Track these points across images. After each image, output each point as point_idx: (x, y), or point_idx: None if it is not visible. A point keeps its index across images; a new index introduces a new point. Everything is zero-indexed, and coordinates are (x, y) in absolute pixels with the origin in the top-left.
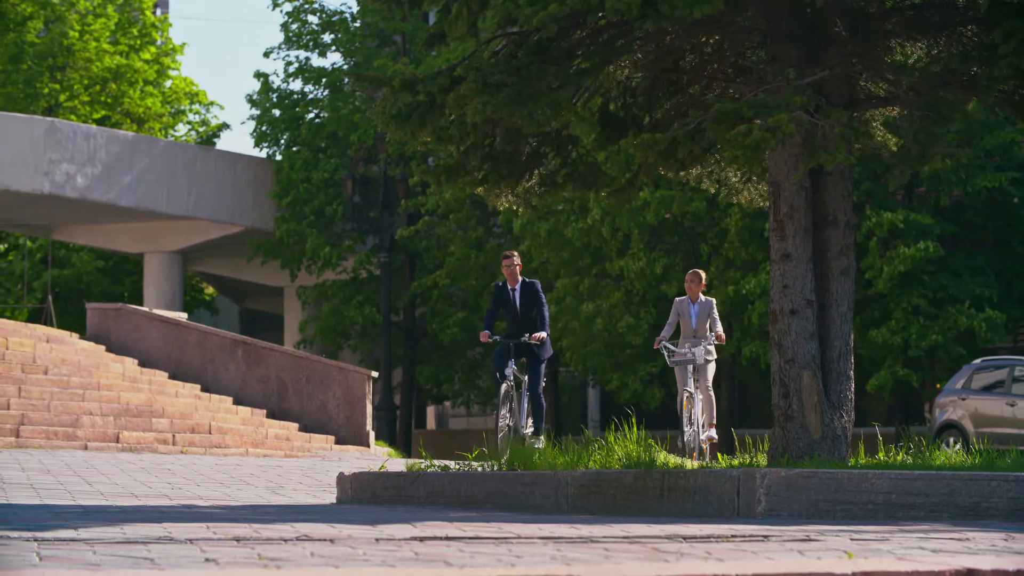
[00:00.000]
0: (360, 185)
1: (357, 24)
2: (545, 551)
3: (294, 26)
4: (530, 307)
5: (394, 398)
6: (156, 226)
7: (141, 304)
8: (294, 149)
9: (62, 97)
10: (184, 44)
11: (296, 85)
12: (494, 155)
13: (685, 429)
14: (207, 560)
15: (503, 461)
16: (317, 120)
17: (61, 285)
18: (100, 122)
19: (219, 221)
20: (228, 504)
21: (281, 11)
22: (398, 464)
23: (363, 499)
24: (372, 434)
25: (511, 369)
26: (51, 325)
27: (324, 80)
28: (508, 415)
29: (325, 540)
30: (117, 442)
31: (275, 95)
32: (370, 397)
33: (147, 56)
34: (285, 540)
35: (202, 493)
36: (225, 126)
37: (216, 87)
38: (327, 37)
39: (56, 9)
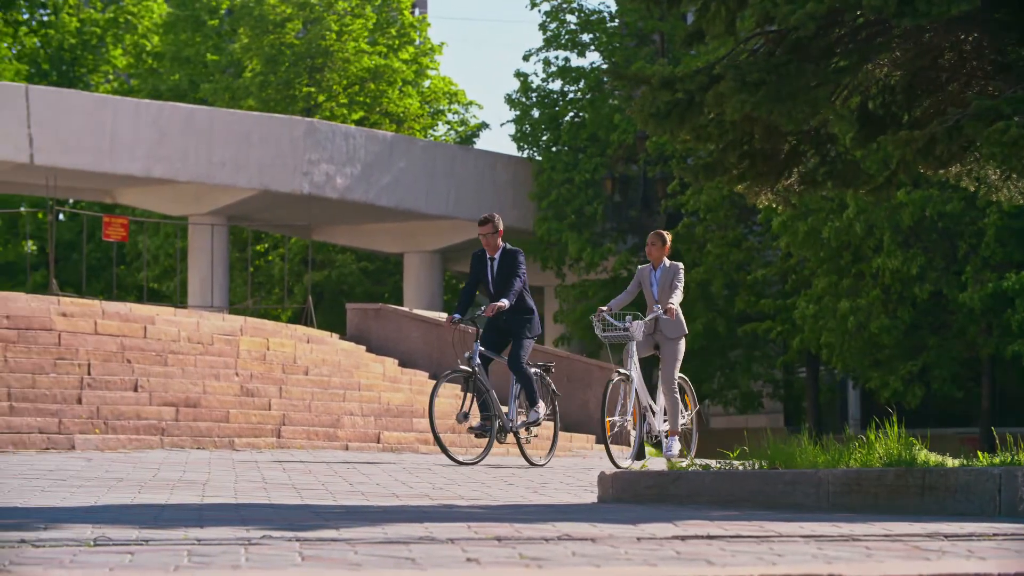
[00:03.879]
0: (620, 184)
1: (615, 24)
2: (806, 549)
3: (552, 26)
4: (507, 279)
5: None
6: (415, 226)
7: (401, 304)
8: (554, 149)
9: (320, 98)
10: (442, 44)
11: (555, 85)
12: (753, 153)
13: (614, 418)
14: (468, 560)
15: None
16: (577, 120)
17: (323, 286)
18: (359, 122)
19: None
20: (489, 504)
21: (539, 11)
22: (658, 463)
23: (624, 498)
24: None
25: (476, 351)
26: (311, 325)
27: (583, 80)
28: (467, 405)
29: (586, 539)
30: (377, 442)
31: (534, 95)
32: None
33: (405, 56)
34: (546, 539)
35: (463, 493)
36: (484, 126)
37: (475, 86)
38: (585, 37)
39: (314, 10)
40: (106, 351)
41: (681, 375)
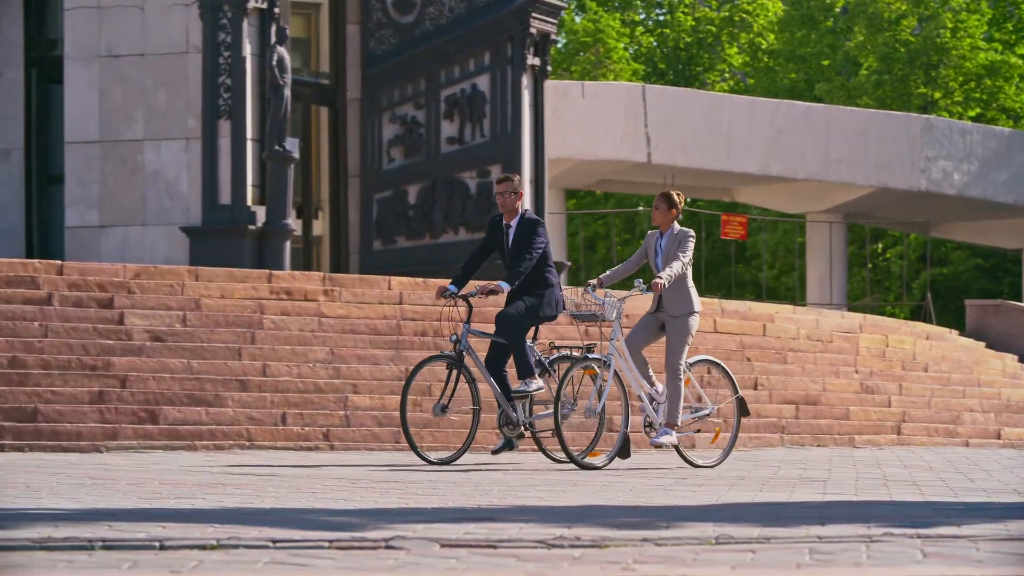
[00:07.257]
0: None
1: None
2: None
3: None
4: (520, 253)
5: None
6: None
7: (1020, 301)
8: None
9: (936, 95)
10: None
11: None
12: None
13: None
14: None
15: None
16: None
17: (939, 283)
18: (975, 119)
19: None
20: None
21: None
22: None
23: None
24: None
25: (465, 332)
26: (930, 322)
27: None
28: (448, 394)
29: None
30: (998, 438)
31: None
32: None
33: (1022, 51)
34: None
35: None
36: None
37: None
38: None
39: (929, 6)
40: (726, 349)
41: (714, 359)
